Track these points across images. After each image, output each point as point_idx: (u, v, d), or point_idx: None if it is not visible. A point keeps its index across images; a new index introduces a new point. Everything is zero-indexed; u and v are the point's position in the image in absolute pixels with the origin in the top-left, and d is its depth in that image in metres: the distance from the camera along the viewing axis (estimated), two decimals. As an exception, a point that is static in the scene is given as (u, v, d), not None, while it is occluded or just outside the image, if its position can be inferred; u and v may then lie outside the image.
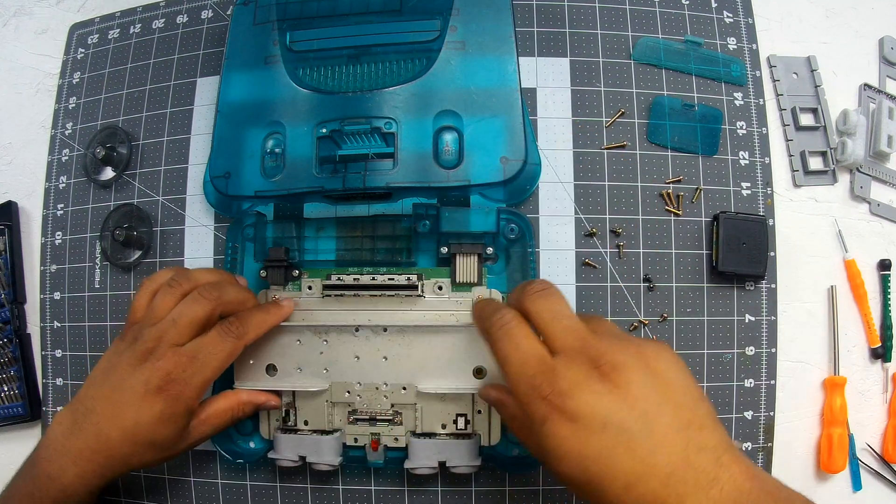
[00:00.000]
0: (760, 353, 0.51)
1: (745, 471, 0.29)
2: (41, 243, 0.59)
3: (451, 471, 0.46)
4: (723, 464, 0.29)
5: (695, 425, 0.30)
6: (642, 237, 0.51)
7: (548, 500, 0.50)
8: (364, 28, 0.50)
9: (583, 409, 0.30)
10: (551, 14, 0.54)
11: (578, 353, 0.32)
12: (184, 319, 0.41)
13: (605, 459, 0.30)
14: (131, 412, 0.39)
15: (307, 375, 0.48)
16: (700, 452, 0.29)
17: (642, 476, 0.29)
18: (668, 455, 0.29)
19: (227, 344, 0.41)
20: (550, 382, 0.31)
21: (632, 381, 0.31)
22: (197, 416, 0.43)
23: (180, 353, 0.40)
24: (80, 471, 0.40)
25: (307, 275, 0.49)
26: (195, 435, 0.43)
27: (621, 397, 0.30)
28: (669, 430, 0.30)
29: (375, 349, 0.47)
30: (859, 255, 0.53)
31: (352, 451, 0.49)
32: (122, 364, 0.41)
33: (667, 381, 0.32)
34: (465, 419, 0.47)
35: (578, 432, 0.30)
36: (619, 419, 0.30)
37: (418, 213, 0.48)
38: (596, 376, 0.31)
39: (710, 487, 0.28)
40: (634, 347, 0.33)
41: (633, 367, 0.31)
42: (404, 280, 0.47)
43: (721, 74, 0.53)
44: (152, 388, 0.39)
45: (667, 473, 0.29)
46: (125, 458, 0.40)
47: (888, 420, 0.52)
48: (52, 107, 0.61)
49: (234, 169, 0.49)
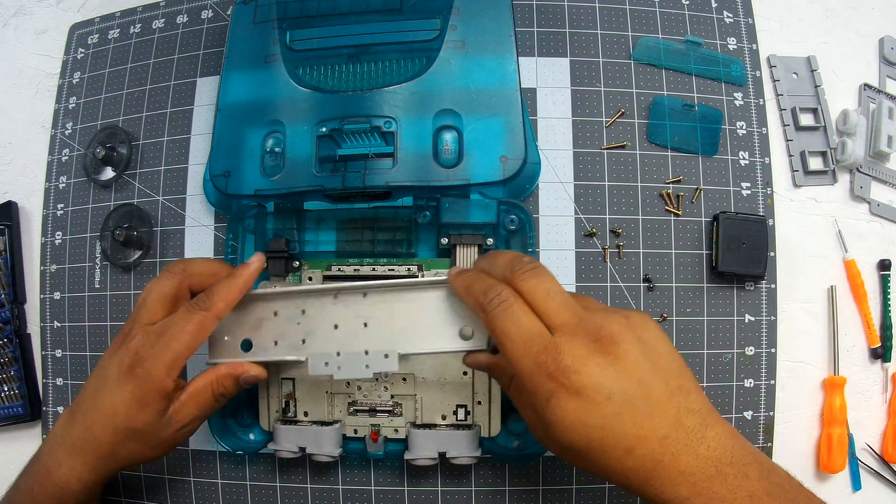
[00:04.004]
0: (760, 353, 0.51)
1: (727, 430, 0.33)
2: (41, 243, 0.59)
3: (451, 462, 0.46)
4: (708, 424, 0.32)
5: (683, 390, 0.33)
6: (642, 237, 0.51)
7: (547, 498, 0.50)
8: (364, 27, 0.50)
9: (587, 382, 0.32)
10: (551, 14, 0.54)
11: (577, 328, 0.33)
12: (151, 296, 0.41)
13: (608, 427, 0.32)
14: (108, 397, 0.40)
15: (285, 348, 0.44)
16: (689, 414, 0.32)
17: (642, 439, 0.31)
18: (663, 419, 0.32)
19: (194, 317, 0.40)
20: (555, 359, 0.32)
21: (628, 352, 0.33)
22: (177, 400, 0.41)
23: (148, 332, 0.40)
24: (74, 463, 0.40)
25: (307, 266, 0.49)
26: (178, 419, 0.41)
27: (622, 368, 0.32)
28: (663, 395, 0.32)
29: (354, 315, 0.43)
30: (859, 255, 0.53)
31: (351, 443, 0.49)
32: (106, 354, 0.42)
33: (656, 350, 0.34)
34: (466, 410, 0.47)
35: (583, 404, 0.32)
36: (621, 389, 0.32)
37: (419, 205, 0.49)
38: (597, 350, 0.33)
39: (699, 445, 0.32)
40: (623, 319, 0.34)
41: (628, 338, 0.33)
42: (404, 271, 0.47)
43: (721, 74, 0.53)
44: (124, 369, 0.40)
45: (662, 435, 0.32)
46: (111, 449, 0.40)
47: (888, 420, 0.52)
48: (52, 107, 0.61)
49: (234, 168, 0.50)
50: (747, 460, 0.32)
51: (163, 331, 0.40)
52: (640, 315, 0.35)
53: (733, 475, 0.31)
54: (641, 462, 0.31)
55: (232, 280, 0.42)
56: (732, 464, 0.31)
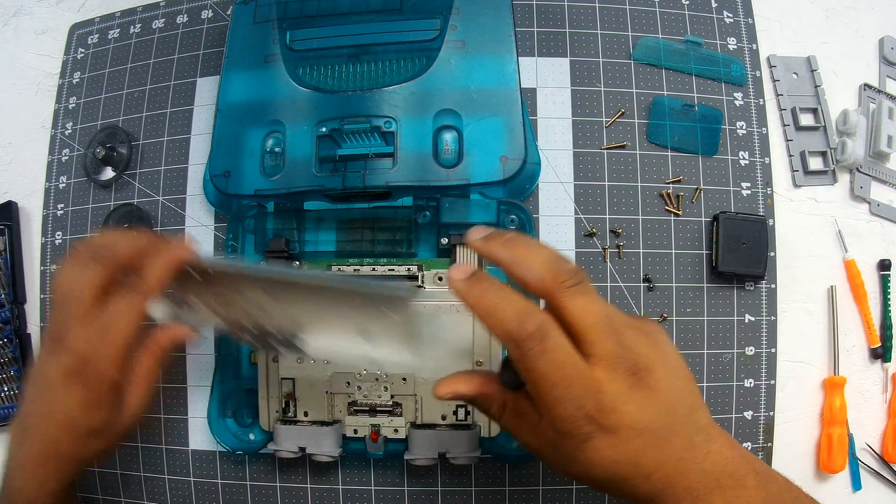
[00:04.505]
0: (760, 353, 0.51)
1: (727, 442, 0.33)
2: (41, 243, 0.59)
3: (451, 462, 0.46)
4: (711, 438, 0.32)
5: (694, 408, 0.33)
6: (642, 237, 0.51)
7: (548, 498, 0.50)
8: (364, 27, 0.50)
9: (625, 421, 0.31)
10: (551, 14, 0.54)
11: (618, 360, 0.31)
12: (79, 287, 0.37)
13: (634, 461, 0.31)
14: (58, 405, 0.37)
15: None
16: (698, 432, 0.32)
17: (661, 465, 0.31)
18: (678, 442, 0.32)
19: (130, 303, 0.38)
20: (595, 400, 0.30)
21: (660, 381, 0.32)
22: (129, 386, 0.40)
23: (89, 330, 0.37)
24: (39, 481, 0.38)
25: (308, 266, 0.49)
26: (134, 403, 0.40)
27: (654, 401, 0.32)
28: (681, 418, 0.32)
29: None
30: (859, 255, 0.53)
31: (352, 444, 0.49)
32: (41, 357, 0.39)
33: (675, 370, 0.33)
34: (466, 410, 0.48)
35: (616, 441, 0.31)
36: (652, 422, 0.31)
37: (419, 205, 0.49)
38: (636, 385, 0.31)
39: (704, 461, 0.32)
40: (648, 338, 0.33)
41: (658, 363, 0.32)
42: (405, 271, 0.47)
43: (721, 74, 0.53)
44: (69, 373, 0.37)
45: (678, 458, 0.31)
46: (75, 454, 0.39)
47: (888, 420, 0.52)
48: (52, 107, 0.61)
49: (234, 168, 0.50)
50: (745, 470, 0.32)
51: (103, 326, 0.37)
52: (657, 329, 0.34)
53: (731, 486, 0.31)
54: (655, 485, 0.31)
55: (160, 258, 0.39)
56: (732, 475, 0.31)
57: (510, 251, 0.32)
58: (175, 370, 0.54)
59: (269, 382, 0.49)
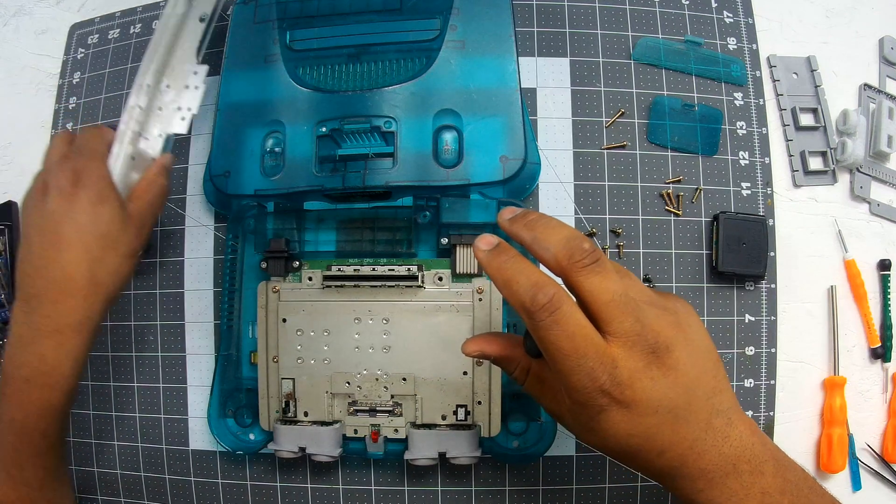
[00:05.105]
0: (760, 353, 0.51)
1: (749, 427, 0.33)
2: (41, 243, 0.59)
3: (451, 462, 0.46)
4: (733, 423, 0.32)
5: (717, 390, 0.33)
6: (642, 237, 0.51)
7: (547, 498, 0.50)
8: (364, 27, 0.50)
9: (640, 397, 0.31)
10: (551, 14, 0.54)
11: (636, 338, 0.31)
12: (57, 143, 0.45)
13: (649, 436, 0.32)
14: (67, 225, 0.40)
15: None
16: (718, 415, 0.32)
17: (675, 444, 0.32)
18: (696, 423, 0.32)
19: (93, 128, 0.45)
20: (610, 374, 0.31)
21: (679, 360, 0.32)
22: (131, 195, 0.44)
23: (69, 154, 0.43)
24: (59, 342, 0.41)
25: (307, 266, 0.49)
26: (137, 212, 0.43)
27: (673, 379, 0.32)
28: (701, 399, 0.32)
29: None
30: (859, 255, 0.53)
31: (352, 444, 0.49)
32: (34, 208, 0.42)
33: (699, 350, 0.33)
34: (466, 410, 0.47)
35: (630, 416, 0.31)
36: (669, 400, 0.31)
37: (419, 205, 0.49)
38: (653, 362, 0.31)
39: (723, 444, 0.32)
40: (673, 317, 0.33)
41: (680, 343, 0.32)
42: (405, 271, 0.47)
43: (721, 74, 0.53)
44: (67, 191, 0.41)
45: (694, 438, 0.32)
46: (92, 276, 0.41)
47: (888, 420, 0.52)
48: (52, 107, 0.61)
49: (234, 168, 0.50)
50: (765, 457, 0.32)
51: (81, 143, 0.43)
52: (685, 308, 0.34)
53: (749, 472, 0.31)
54: (670, 462, 0.32)
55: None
56: (750, 461, 0.32)
57: (531, 231, 0.33)
58: (175, 370, 0.54)
59: (269, 382, 0.49)
